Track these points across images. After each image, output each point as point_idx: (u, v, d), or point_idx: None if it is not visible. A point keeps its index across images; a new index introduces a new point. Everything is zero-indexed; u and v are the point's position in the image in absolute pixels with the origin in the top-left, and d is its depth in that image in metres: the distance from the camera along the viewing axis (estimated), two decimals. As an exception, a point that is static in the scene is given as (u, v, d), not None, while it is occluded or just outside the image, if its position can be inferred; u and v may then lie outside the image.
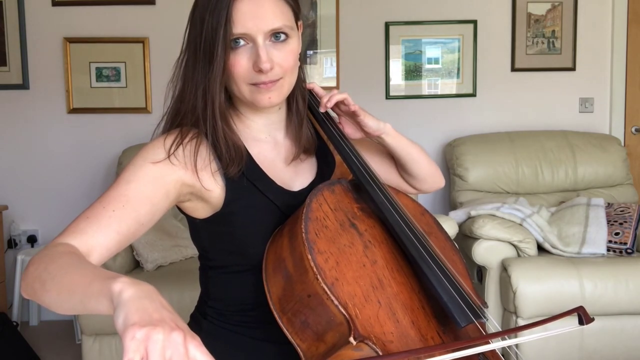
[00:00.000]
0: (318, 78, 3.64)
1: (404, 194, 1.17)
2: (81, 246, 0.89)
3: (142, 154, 1.00)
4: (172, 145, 1.01)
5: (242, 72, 1.01)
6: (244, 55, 1.01)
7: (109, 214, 0.92)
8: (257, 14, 0.99)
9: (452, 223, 2.77)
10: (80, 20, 3.53)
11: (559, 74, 3.69)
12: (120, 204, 0.94)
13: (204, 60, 1.01)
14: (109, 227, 0.92)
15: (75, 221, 0.92)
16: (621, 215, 2.97)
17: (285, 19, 1.02)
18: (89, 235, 0.90)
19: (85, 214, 0.93)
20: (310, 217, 0.96)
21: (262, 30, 0.99)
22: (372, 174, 1.09)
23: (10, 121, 3.57)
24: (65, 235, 0.90)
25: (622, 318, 2.63)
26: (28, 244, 3.58)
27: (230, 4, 0.98)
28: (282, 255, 0.96)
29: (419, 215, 1.15)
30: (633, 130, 3.76)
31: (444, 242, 1.13)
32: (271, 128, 1.13)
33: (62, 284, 0.80)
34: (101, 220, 0.92)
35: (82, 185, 3.59)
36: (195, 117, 1.04)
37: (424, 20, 3.63)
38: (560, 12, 3.65)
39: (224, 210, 1.04)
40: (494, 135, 3.50)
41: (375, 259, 0.98)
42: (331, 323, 0.89)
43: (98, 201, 0.94)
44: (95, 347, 2.57)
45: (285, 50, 1.02)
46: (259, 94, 1.03)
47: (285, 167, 1.12)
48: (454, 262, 1.09)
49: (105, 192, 0.96)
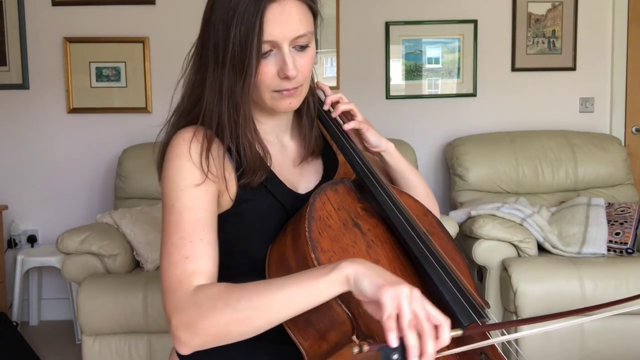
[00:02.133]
0: (318, 78, 3.63)
1: (407, 194, 1.17)
2: (211, 278, 0.95)
3: (178, 172, 1.00)
4: (201, 159, 1.00)
5: (268, 80, 1.01)
6: (269, 62, 1.00)
7: (200, 243, 0.96)
8: (283, 21, 0.98)
9: (453, 223, 2.77)
10: (80, 20, 3.53)
11: (559, 74, 3.69)
12: (200, 229, 0.97)
13: (232, 69, 0.99)
14: (207, 254, 0.96)
15: (178, 269, 0.94)
16: (622, 215, 2.97)
17: (308, 25, 1.02)
18: (204, 268, 0.95)
19: (182, 257, 0.94)
20: (314, 216, 0.96)
21: (288, 37, 0.99)
22: (374, 174, 1.09)
23: (10, 121, 3.57)
24: (186, 283, 0.92)
25: (622, 318, 2.62)
26: (28, 244, 3.58)
27: (263, 12, 0.96)
28: (286, 254, 0.96)
29: (422, 215, 1.15)
30: (633, 130, 3.75)
31: (446, 243, 1.13)
32: (279, 130, 1.14)
33: (274, 306, 0.87)
34: (200, 252, 0.95)
35: (82, 185, 3.59)
36: (217, 125, 1.03)
37: (424, 20, 3.63)
38: (561, 11, 3.65)
39: (231, 211, 1.05)
40: (494, 135, 3.50)
41: (378, 258, 0.98)
42: (334, 322, 0.90)
43: (179, 237, 0.96)
44: (95, 347, 2.57)
45: (307, 57, 1.03)
46: (281, 100, 1.03)
47: (292, 169, 1.13)
48: (456, 263, 1.10)
49: (176, 226, 0.97)
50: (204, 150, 1.01)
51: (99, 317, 2.50)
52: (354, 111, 1.15)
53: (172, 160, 1.01)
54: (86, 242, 2.67)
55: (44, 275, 3.61)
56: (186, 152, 1.00)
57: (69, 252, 2.68)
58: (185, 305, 0.90)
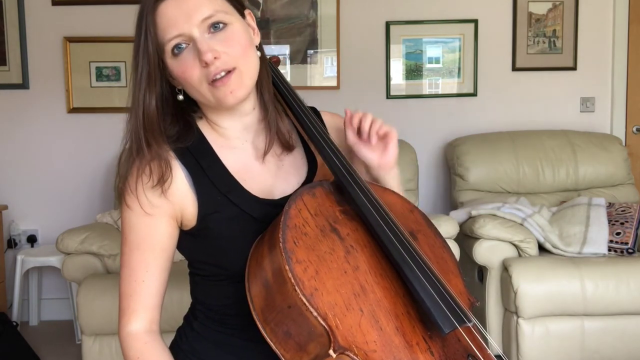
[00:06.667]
0: (319, 78, 3.63)
1: (391, 191, 1.12)
2: (146, 321, 1.04)
3: (127, 212, 1.04)
4: (147, 198, 1.01)
5: (193, 74, 0.99)
6: (188, 58, 0.99)
7: (142, 285, 1.04)
8: (184, 11, 0.97)
9: (453, 223, 2.76)
10: (80, 20, 3.53)
11: (560, 74, 3.68)
12: (144, 269, 1.04)
13: (134, 75, 1.01)
14: (149, 292, 1.05)
15: (124, 303, 1.05)
16: (622, 215, 2.97)
17: (216, 5, 0.99)
18: (143, 309, 1.04)
19: (127, 293, 1.05)
20: (289, 224, 0.93)
21: (193, 23, 0.98)
22: (354, 175, 1.04)
23: (10, 121, 3.57)
24: (125, 320, 1.04)
25: (623, 318, 2.62)
26: (28, 244, 3.57)
27: (149, 12, 0.98)
28: (263, 265, 0.94)
29: (408, 212, 1.10)
30: (634, 130, 3.75)
31: (433, 240, 1.09)
32: (246, 133, 1.10)
33: None
34: (141, 293, 1.04)
35: (82, 184, 3.59)
36: (128, 135, 1.03)
37: (424, 20, 3.62)
38: (561, 11, 3.64)
39: (199, 226, 1.04)
40: (495, 134, 3.49)
41: (358, 265, 0.95)
42: (312, 334, 0.88)
43: (128, 273, 1.05)
44: (95, 347, 2.56)
45: (228, 37, 1.00)
46: (219, 91, 1.00)
47: (264, 171, 1.09)
48: (444, 260, 1.06)
49: (127, 260, 1.05)
50: (144, 186, 1.01)
51: (99, 317, 2.50)
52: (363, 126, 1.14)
53: (125, 196, 1.03)
54: (86, 242, 2.67)
55: (44, 275, 3.60)
56: (132, 193, 1.02)
57: (69, 252, 2.68)
58: (120, 335, 1.05)
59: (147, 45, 0.99)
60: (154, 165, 1.00)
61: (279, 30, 3.58)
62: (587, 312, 2.59)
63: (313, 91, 3.54)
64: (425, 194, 3.68)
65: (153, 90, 1.01)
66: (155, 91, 1.01)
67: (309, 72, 3.62)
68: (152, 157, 1.01)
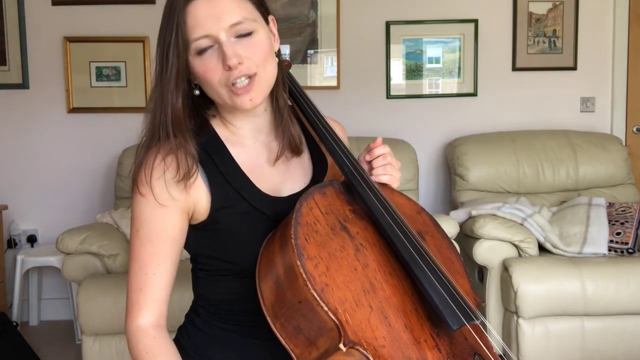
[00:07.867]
0: (319, 78, 3.63)
1: (399, 193, 1.15)
2: (155, 315, 1.04)
3: (142, 201, 1.03)
4: (166, 187, 1.02)
5: (214, 75, 1.01)
6: (212, 58, 1.01)
7: (153, 277, 1.04)
8: (214, 13, 0.99)
9: (453, 223, 2.77)
10: (80, 20, 3.53)
11: (560, 74, 3.68)
12: (156, 262, 1.04)
13: (161, 70, 1.02)
14: (159, 286, 1.04)
15: (133, 296, 1.04)
16: (622, 215, 2.97)
17: (245, 12, 1.01)
18: (152, 303, 1.04)
19: (137, 286, 1.04)
20: (300, 222, 0.95)
21: (222, 27, 0.99)
22: (363, 175, 1.07)
23: (10, 121, 3.57)
24: (135, 314, 1.04)
25: (623, 318, 2.62)
26: (28, 244, 3.57)
27: (181, 10, 0.99)
28: (274, 261, 0.96)
29: (415, 214, 1.13)
30: (634, 130, 3.75)
31: (440, 241, 1.12)
32: (258, 133, 1.12)
33: None
34: (151, 286, 1.04)
35: (82, 184, 3.59)
36: (152, 128, 1.05)
37: (424, 20, 3.62)
38: (562, 11, 3.64)
39: (209, 220, 1.05)
40: (495, 134, 3.50)
41: (367, 262, 0.97)
42: (322, 329, 0.89)
43: (138, 267, 1.04)
44: (95, 347, 2.56)
45: (252, 44, 1.02)
46: (239, 97, 1.02)
47: (273, 171, 1.11)
48: (450, 261, 1.09)
49: (138, 254, 1.05)
50: (160, 182, 1.02)
51: (99, 317, 2.50)
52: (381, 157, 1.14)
53: (139, 186, 1.03)
54: (86, 242, 2.67)
55: (44, 275, 3.60)
56: (147, 184, 1.02)
57: (69, 252, 2.68)
58: (129, 330, 1.04)
59: (178, 42, 1.00)
60: (181, 160, 1.02)
61: (279, 30, 3.53)
62: (587, 312, 2.59)
63: (313, 91, 3.54)
64: (425, 194, 3.68)
65: (181, 86, 1.03)
66: (183, 87, 1.04)
67: (309, 72, 3.62)
68: (180, 151, 1.02)
